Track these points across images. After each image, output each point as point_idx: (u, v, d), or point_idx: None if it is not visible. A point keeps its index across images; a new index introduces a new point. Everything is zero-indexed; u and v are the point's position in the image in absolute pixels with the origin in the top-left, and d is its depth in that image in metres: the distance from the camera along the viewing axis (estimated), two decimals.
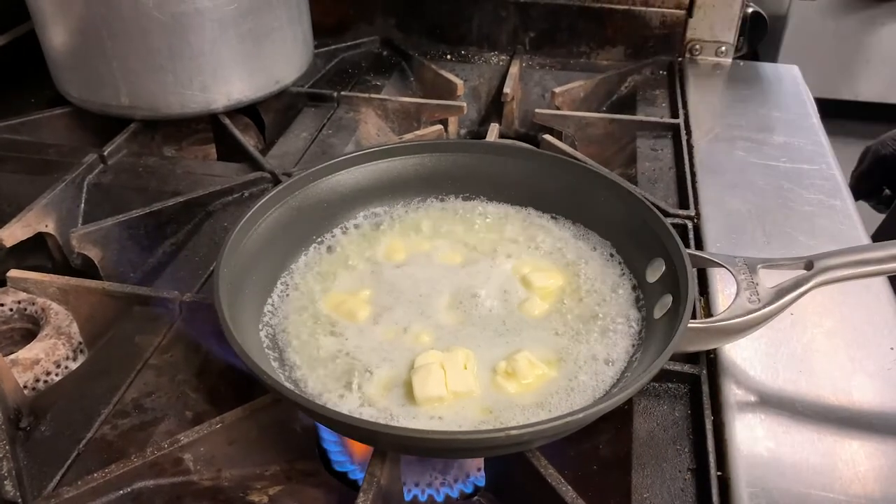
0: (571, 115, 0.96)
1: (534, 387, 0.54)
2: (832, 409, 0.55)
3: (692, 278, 0.54)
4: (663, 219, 0.60)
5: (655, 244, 0.59)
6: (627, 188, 0.65)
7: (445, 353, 0.55)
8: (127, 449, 0.52)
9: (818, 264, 0.55)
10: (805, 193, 0.79)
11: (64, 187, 0.78)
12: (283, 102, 0.98)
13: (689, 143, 0.88)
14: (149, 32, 0.82)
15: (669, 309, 0.55)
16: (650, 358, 0.52)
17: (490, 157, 0.70)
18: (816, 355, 0.60)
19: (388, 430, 0.45)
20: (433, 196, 0.71)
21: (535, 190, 0.69)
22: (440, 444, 0.46)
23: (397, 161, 0.69)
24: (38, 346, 0.63)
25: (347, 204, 0.68)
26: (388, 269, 0.64)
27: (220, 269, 0.54)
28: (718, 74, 1.06)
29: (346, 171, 0.67)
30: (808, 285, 0.55)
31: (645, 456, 0.53)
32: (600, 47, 1.11)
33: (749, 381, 0.57)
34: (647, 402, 0.57)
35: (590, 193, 0.67)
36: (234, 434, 0.52)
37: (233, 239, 0.57)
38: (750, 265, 0.57)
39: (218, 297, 0.52)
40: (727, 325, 0.54)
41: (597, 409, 0.45)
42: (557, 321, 0.59)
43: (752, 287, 0.55)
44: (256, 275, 0.59)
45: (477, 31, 1.13)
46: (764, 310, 0.53)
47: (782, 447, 0.52)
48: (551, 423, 0.44)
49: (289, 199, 0.64)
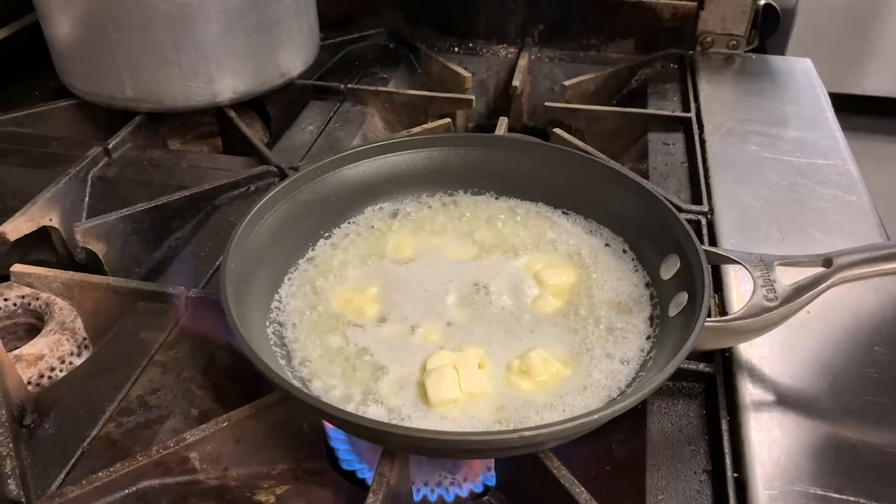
0: (582, 108, 0.95)
1: (548, 385, 0.53)
2: (851, 410, 0.54)
3: (708, 276, 0.53)
4: (678, 214, 0.59)
5: (670, 240, 0.58)
6: (640, 182, 0.64)
7: (457, 354, 0.54)
8: (132, 447, 0.52)
9: (837, 262, 0.54)
10: (820, 189, 0.78)
11: (68, 181, 0.77)
12: (290, 95, 0.97)
13: (702, 137, 0.87)
14: (154, 24, 0.81)
15: (685, 307, 0.54)
16: (665, 357, 0.51)
17: (499, 151, 0.69)
18: (833, 354, 0.58)
19: (398, 431, 0.44)
20: (441, 191, 0.70)
21: (546, 184, 0.68)
22: (451, 445, 0.45)
23: (405, 155, 0.68)
24: (42, 341, 0.62)
25: (355, 198, 0.67)
26: (396, 266, 0.63)
27: (226, 265, 0.53)
28: (730, 68, 1.05)
29: (354, 165, 0.66)
30: (826, 283, 0.53)
31: (659, 457, 0.52)
32: (610, 40, 1.10)
33: (765, 380, 0.56)
34: (662, 402, 0.56)
35: (601, 188, 0.65)
36: (240, 433, 0.51)
37: (239, 234, 0.56)
38: (767, 262, 0.55)
39: (225, 294, 0.51)
40: (744, 323, 0.52)
41: (612, 410, 0.44)
42: (571, 319, 0.58)
43: (770, 285, 0.54)
44: (263, 270, 0.59)
45: (485, 23, 1.11)
46: (781, 308, 0.52)
47: (800, 448, 0.51)
48: (565, 424, 0.43)
49: (296, 194, 0.63)
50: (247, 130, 0.87)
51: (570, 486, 0.47)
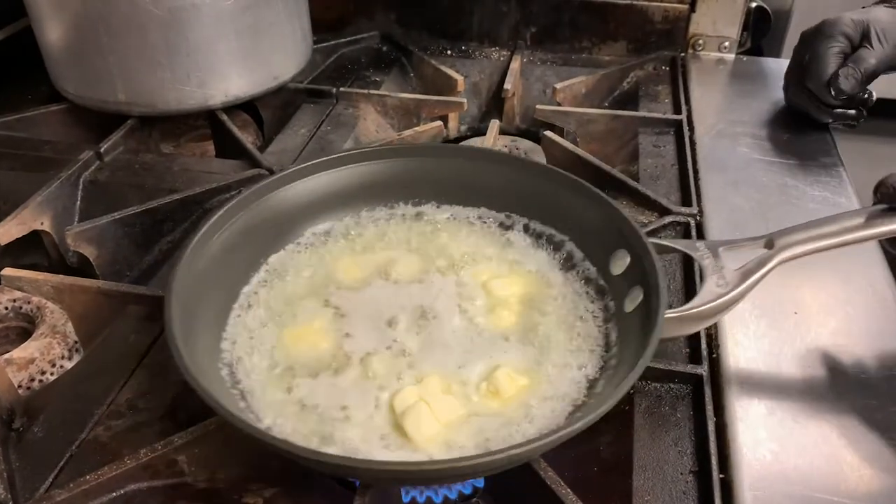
0: (573, 111, 0.95)
1: (518, 399, 0.52)
2: (837, 411, 0.54)
3: (662, 269, 0.53)
4: (622, 210, 0.59)
5: (615, 235, 0.58)
6: (577, 180, 0.63)
7: (420, 387, 0.52)
8: (120, 450, 0.52)
9: (778, 242, 0.56)
10: (809, 190, 0.78)
11: (60, 184, 0.77)
12: (282, 98, 0.97)
13: (692, 139, 0.87)
14: (146, 28, 0.81)
15: (641, 301, 0.54)
16: (633, 351, 0.51)
17: (434, 160, 0.67)
18: (821, 355, 0.59)
19: (368, 466, 0.44)
20: (381, 204, 0.68)
21: (486, 189, 0.67)
22: (438, 474, 0.45)
23: (341, 172, 0.66)
24: (33, 345, 0.62)
25: (294, 220, 0.65)
26: (340, 293, 0.61)
27: (170, 305, 0.50)
28: (721, 70, 1.05)
29: (289, 186, 0.64)
30: (771, 264, 0.55)
31: (646, 458, 0.52)
32: (602, 42, 1.10)
33: (752, 381, 0.56)
34: (649, 403, 0.56)
35: (541, 188, 0.65)
36: (228, 435, 0.51)
37: (178, 273, 0.53)
38: (712, 249, 0.57)
39: (172, 333, 0.48)
40: (699, 311, 0.53)
41: (597, 414, 0.44)
42: (527, 329, 0.57)
43: (719, 271, 0.55)
44: (206, 307, 0.55)
45: (477, 26, 1.11)
46: (733, 293, 0.54)
47: (786, 449, 0.51)
48: (551, 436, 0.43)
49: (234, 221, 0.60)
50: (239, 134, 0.87)
51: (556, 488, 0.47)
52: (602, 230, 0.60)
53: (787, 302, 0.63)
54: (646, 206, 0.76)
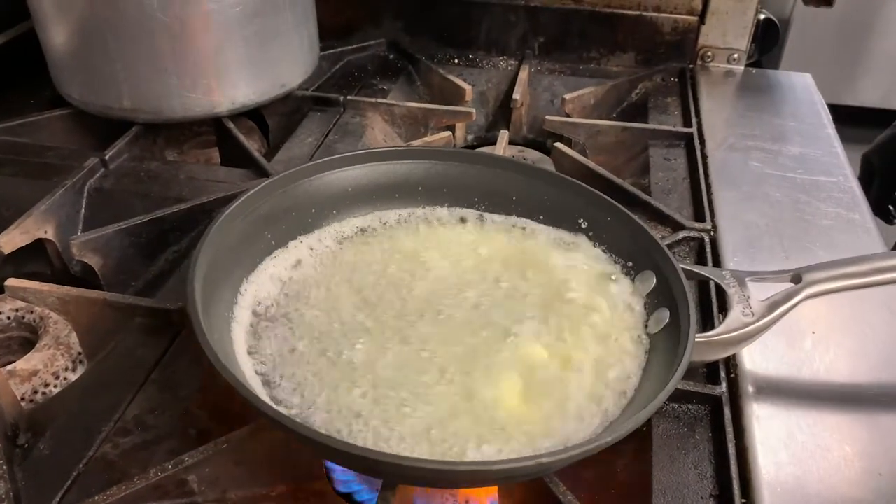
0: (582, 122, 0.94)
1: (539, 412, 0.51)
2: (859, 434, 0.53)
3: (691, 293, 0.53)
4: (652, 232, 0.59)
5: (643, 256, 0.58)
6: (611, 202, 0.62)
7: None
8: (129, 469, 0.50)
9: (806, 277, 0.56)
10: (823, 206, 0.77)
11: (64, 192, 0.76)
12: (289, 106, 0.96)
13: (703, 152, 0.86)
14: (153, 34, 0.80)
15: (668, 323, 0.54)
16: (658, 370, 0.51)
17: (475, 166, 0.67)
18: (840, 376, 0.58)
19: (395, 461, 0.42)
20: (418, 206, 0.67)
21: (518, 198, 0.66)
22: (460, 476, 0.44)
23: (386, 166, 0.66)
24: (36, 356, 0.61)
25: (323, 210, 0.65)
26: None
27: (193, 281, 0.50)
28: (730, 82, 1.04)
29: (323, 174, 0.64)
30: (797, 297, 0.55)
31: (665, 481, 0.51)
32: (611, 53, 1.09)
33: (771, 402, 0.56)
34: (667, 425, 0.55)
35: (570, 205, 0.64)
36: (240, 454, 0.50)
37: (200, 254, 0.53)
38: (738, 278, 0.57)
39: (198, 321, 0.47)
40: (727, 337, 0.53)
41: (626, 429, 0.43)
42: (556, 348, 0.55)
43: (745, 300, 0.55)
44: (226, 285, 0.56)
45: (485, 35, 1.11)
46: (759, 322, 0.54)
47: (808, 474, 0.50)
48: (580, 448, 0.42)
49: (255, 208, 0.61)
50: (245, 142, 0.86)
51: None
52: (631, 252, 0.60)
53: (804, 320, 0.63)
54: (658, 221, 0.75)
